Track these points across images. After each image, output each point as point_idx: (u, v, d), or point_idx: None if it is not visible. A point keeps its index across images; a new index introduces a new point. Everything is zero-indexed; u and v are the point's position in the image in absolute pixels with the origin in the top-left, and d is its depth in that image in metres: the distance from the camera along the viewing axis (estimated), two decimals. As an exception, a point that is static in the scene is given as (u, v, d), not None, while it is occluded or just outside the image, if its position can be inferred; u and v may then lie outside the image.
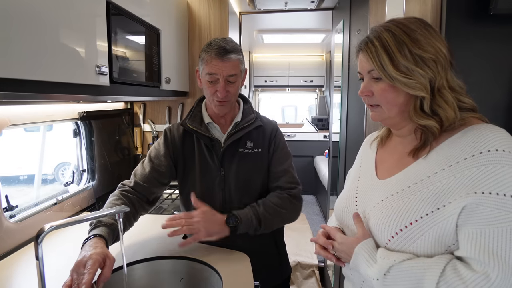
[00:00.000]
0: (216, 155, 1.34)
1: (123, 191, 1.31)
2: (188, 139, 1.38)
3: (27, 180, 2.39)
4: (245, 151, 1.35)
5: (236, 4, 2.95)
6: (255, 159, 1.36)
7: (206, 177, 1.35)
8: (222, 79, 1.25)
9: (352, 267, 0.85)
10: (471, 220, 0.70)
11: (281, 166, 1.37)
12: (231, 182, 1.34)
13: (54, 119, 1.65)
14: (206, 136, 1.34)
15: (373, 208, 0.86)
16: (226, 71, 1.25)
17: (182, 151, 1.38)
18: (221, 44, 1.25)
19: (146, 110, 2.50)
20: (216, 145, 1.34)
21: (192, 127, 1.34)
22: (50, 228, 0.83)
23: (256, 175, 1.36)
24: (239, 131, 1.34)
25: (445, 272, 0.70)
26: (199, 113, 1.39)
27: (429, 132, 0.80)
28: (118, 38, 1.37)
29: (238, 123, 1.37)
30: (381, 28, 0.83)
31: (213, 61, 1.25)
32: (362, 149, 1.09)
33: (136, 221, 1.31)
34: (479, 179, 0.71)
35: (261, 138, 1.38)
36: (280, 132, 1.43)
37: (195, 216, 1.21)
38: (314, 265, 2.88)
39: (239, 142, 1.35)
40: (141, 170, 1.37)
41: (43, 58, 0.95)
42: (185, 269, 1.25)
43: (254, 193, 1.36)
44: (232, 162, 1.34)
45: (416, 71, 0.77)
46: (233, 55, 1.26)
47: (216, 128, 1.38)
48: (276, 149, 1.38)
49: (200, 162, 1.36)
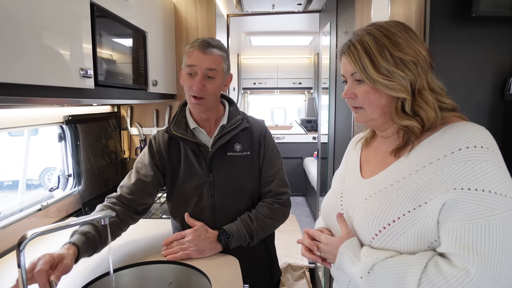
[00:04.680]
0: (204, 160, 1.30)
1: (109, 203, 1.27)
2: (174, 146, 1.35)
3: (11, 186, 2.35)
4: (234, 154, 1.33)
5: (223, 7, 2.95)
6: (245, 162, 1.33)
7: (194, 184, 1.32)
8: (200, 72, 1.23)
9: (338, 267, 0.86)
10: (451, 216, 0.72)
11: (272, 168, 1.36)
12: (221, 188, 1.31)
13: (39, 123, 1.62)
14: (192, 142, 1.30)
15: (357, 207, 0.87)
16: (205, 63, 1.23)
17: (169, 159, 1.34)
18: (206, 39, 1.25)
19: (133, 113, 2.48)
20: (203, 150, 1.31)
21: (177, 134, 1.30)
22: (32, 235, 0.81)
23: (247, 178, 1.34)
24: (225, 134, 1.31)
25: (427, 268, 0.71)
26: (183, 118, 1.36)
27: (411, 132, 0.82)
28: (103, 40, 1.35)
29: (224, 126, 1.33)
30: (362, 31, 0.84)
31: (194, 52, 1.24)
32: (348, 150, 1.10)
33: (123, 231, 1.28)
34: (458, 175, 0.72)
35: (250, 141, 1.35)
36: (269, 133, 1.41)
37: (187, 234, 1.25)
38: (305, 266, 2.88)
39: (227, 146, 1.32)
40: (126, 182, 1.33)
41: (24, 61, 0.93)
42: (173, 274, 1.24)
43: (246, 198, 1.34)
44: (220, 166, 1.31)
45: (397, 73, 0.79)
46: (215, 50, 1.25)
47: (202, 133, 1.34)
48: (267, 151, 1.37)
49: (187, 168, 1.32)
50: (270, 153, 1.37)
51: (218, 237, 1.26)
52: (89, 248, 1.10)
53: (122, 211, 1.27)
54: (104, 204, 1.27)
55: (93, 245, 1.11)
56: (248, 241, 1.28)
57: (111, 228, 1.19)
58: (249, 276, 1.19)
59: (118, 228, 1.25)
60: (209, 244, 1.24)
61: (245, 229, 1.27)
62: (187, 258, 1.23)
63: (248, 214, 1.31)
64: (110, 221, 1.13)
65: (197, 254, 1.23)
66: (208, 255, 1.25)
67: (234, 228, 1.27)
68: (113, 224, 1.21)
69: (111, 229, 1.19)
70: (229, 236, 1.25)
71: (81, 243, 1.07)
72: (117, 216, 1.24)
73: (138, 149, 2.48)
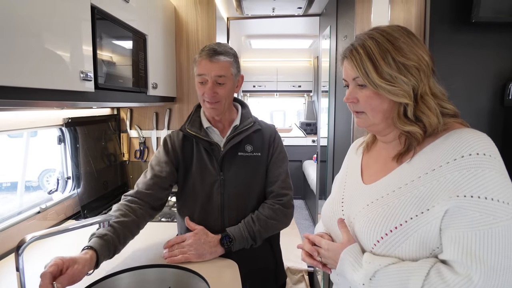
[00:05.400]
0: (215, 159, 1.34)
1: (125, 201, 1.29)
2: (187, 144, 1.39)
3: (10, 188, 2.33)
4: (244, 155, 1.36)
5: (223, 10, 2.95)
6: (255, 163, 1.37)
7: (205, 181, 1.35)
8: (210, 80, 1.28)
9: (339, 272, 0.85)
10: (454, 223, 0.71)
11: (277, 170, 1.39)
12: (231, 186, 1.34)
13: (38, 125, 1.61)
14: (205, 140, 1.35)
15: (358, 213, 0.86)
16: (214, 71, 1.27)
17: (183, 156, 1.38)
18: (212, 47, 1.29)
19: (133, 115, 2.48)
20: (215, 149, 1.35)
21: (191, 132, 1.35)
22: (31, 239, 0.81)
23: (256, 179, 1.37)
24: (238, 134, 1.35)
25: (429, 275, 0.71)
26: (198, 118, 1.41)
27: (413, 137, 0.82)
28: (104, 43, 1.35)
29: (237, 126, 1.38)
30: (365, 36, 0.84)
31: (202, 62, 1.28)
32: (348, 155, 1.09)
33: (140, 229, 1.28)
34: (461, 182, 0.72)
35: (261, 142, 1.39)
36: (278, 136, 1.45)
37: (188, 238, 1.26)
38: (304, 270, 2.87)
39: (239, 146, 1.36)
40: (142, 179, 1.36)
41: (23, 64, 0.92)
42: (172, 278, 1.23)
43: (253, 198, 1.37)
44: (231, 166, 1.35)
45: (400, 78, 0.79)
46: (222, 57, 1.28)
47: (215, 132, 1.39)
48: (274, 153, 1.40)
49: (199, 166, 1.36)
50: (277, 155, 1.41)
51: (221, 240, 1.27)
52: (109, 251, 1.10)
53: (139, 208, 1.28)
54: (120, 203, 1.28)
55: (112, 247, 1.11)
56: (251, 243, 1.29)
57: (130, 227, 1.20)
58: (253, 277, 1.19)
59: (136, 227, 1.25)
60: (209, 248, 1.25)
61: (247, 231, 1.28)
62: (186, 261, 1.23)
63: (251, 216, 1.33)
64: (128, 220, 1.18)
65: (196, 258, 1.24)
66: (207, 259, 1.25)
67: (237, 231, 1.28)
68: (131, 222, 1.21)
69: (130, 228, 1.20)
70: (231, 239, 1.26)
71: (99, 246, 1.06)
72: (135, 214, 1.24)
73: (137, 152, 2.47)
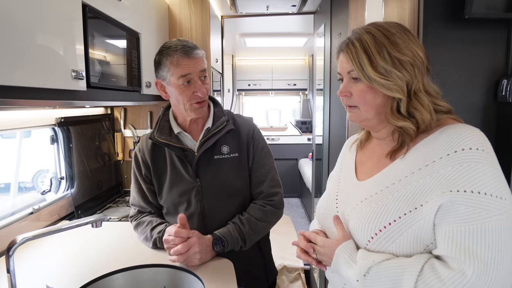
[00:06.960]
0: (190, 165, 1.27)
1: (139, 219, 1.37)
2: (158, 153, 1.32)
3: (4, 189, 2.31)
4: (221, 157, 1.29)
5: (217, 8, 2.94)
6: (233, 164, 1.30)
7: (181, 190, 1.29)
8: (196, 77, 1.22)
9: (334, 269, 0.85)
10: (447, 218, 0.71)
11: (263, 168, 1.33)
12: (209, 192, 1.28)
13: (31, 125, 1.60)
14: (177, 147, 1.27)
15: (352, 209, 0.86)
16: (198, 67, 1.22)
17: (154, 168, 1.32)
18: (181, 43, 1.21)
19: (127, 115, 2.46)
20: (189, 155, 1.28)
21: (161, 140, 1.27)
22: (22, 240, 0.80)
23: (236, 181, 1.30)
24: (211, 137, 1.27)
25: (423, 271, 0.71)
26: (167, 123, 1.32)
27: (406, 133, 0.82)
28: (96, 42, 1.34)
29: (209, 128, 1.30)
30: (362, 30, 0.84)
31: (183, 61, 1.20)
32: (343, 152, 1.09)
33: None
34: (454, 177, 0.72)
35: (237, 142, 1.31)
36: (258, 131, 1.37)
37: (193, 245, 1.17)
38: (300, 268, 2.87)
39: (214, 149, 1.29)
40: (132, 198, 1.41)
41: (14, 62, 0.91)
42: (167, 278, 1.23)
43: (236, 201, 1.31)
44: (208, 171, 1.28)
45: (394, 73, 0.79)
46: (198, 51, 1.24)
47: (187, 137, 1.31)
48: (256, 151, 1.33)
49: (174, 175, 1.30)
50: (259, 153, 1.33)
51: (213, 245, 1.21)
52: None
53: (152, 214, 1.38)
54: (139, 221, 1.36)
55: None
56: (240, 244, 1.25)
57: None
58: (243, 278, 1.17)
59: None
60: (208, 252, 1.21)
61: (237, 232, 1.24)
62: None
63: (240, 217, 1.28)
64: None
65: (200, 263, 1.20)
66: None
67: (227, 232, 1.24)
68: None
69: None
70: (224, 243, 1.22)
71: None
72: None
73: (131, 151, 2.46)
